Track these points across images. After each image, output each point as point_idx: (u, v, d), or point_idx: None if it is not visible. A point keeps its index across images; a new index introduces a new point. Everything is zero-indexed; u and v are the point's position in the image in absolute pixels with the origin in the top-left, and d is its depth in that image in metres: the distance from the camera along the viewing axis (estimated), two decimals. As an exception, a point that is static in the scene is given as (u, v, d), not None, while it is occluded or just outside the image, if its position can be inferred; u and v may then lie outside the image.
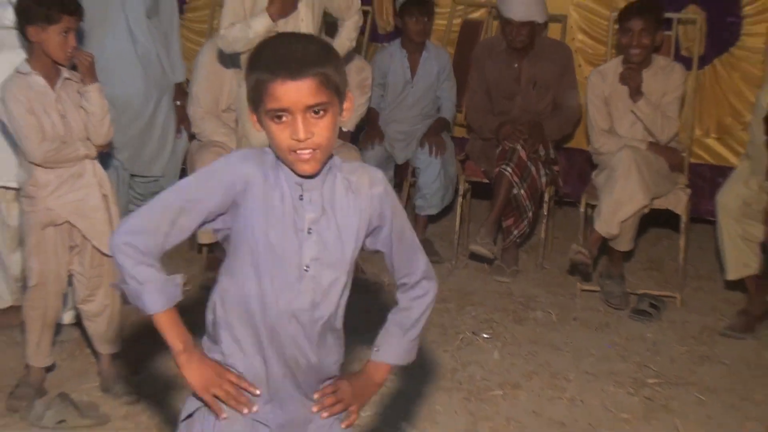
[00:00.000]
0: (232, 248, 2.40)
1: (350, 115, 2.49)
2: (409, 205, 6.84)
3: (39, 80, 4.28)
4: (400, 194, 6.93)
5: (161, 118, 5.75)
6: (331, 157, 2.38)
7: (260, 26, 5.01)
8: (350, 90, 2.36)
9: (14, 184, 4.73)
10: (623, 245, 5.89)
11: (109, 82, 4.60)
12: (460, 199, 6.70)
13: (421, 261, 2.57)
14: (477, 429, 4.42)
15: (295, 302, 2.36)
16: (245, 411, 2.37)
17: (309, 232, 2.36)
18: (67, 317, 4.92)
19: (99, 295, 4.46)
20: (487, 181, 6.46)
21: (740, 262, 5.46)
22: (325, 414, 2.49)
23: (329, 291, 2.41)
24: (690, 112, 6.36)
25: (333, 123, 2.28)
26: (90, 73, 4.31)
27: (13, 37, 4.75)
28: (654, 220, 6.26)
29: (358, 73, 6.07)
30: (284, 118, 2.22)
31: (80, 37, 4.47)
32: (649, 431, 4.47)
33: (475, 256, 6.36)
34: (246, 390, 2.39)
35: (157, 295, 2.28)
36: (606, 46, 6.77)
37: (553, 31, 7.08)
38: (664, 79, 5.92)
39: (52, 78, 4.30)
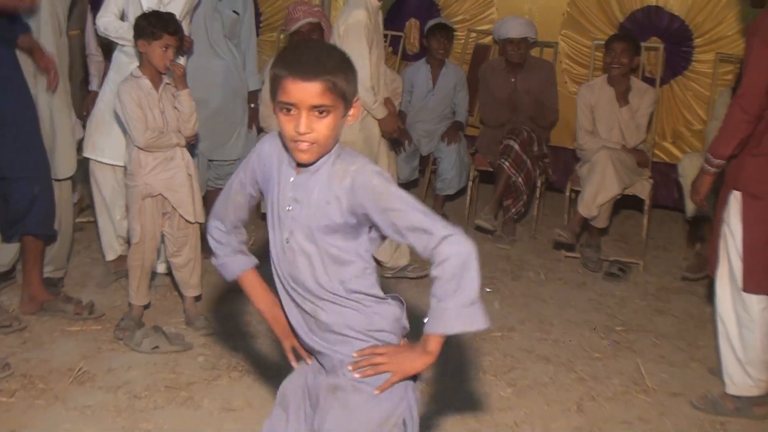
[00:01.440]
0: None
1: (355, 120, 2.24)
2: (431, 188, 6.85)
3: (146, 83, 4.35)
4: (423, 179, 6.92)
5: (236, 116, 5.73)
6: (330, 151, 2.21)
7: None
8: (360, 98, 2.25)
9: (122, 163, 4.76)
10: (600, 223, 5.93)
11: (194, 88, 4.62)
12: (470, 183, 6.70)
13: (431, 234, 2.13)
14: (480, 362, 4.43)
15: (285, 268, 2.29)
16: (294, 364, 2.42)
17: (288, 210, 2.25)
18: (161, 267, 4.95)
19: (184, 251, 4.50)
20: (492, 169, 6.44)
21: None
22: (357, 374, 2.25)
23: (309, 263, 2.24)
24: (653, 122, 6.31)
25: (334, 124, 2.15)
26: (182, 81, 4.38)
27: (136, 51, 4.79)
28: (623, 203, 6.23)
29: (391, 83, 5.99)
30: (292, 111, 2.12)
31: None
32: (616, 366, 4.46)
33: (480, 228, 6.34)
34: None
35: (232, 267, 2.43)
36: (587, 69, 6.76)
37: (547, 55, 7.05)
38: (639, 98, 5.93)
39: (156, 82, 4.37)
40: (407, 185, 6.51)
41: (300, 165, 2.24)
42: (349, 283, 2.26)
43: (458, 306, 2.16)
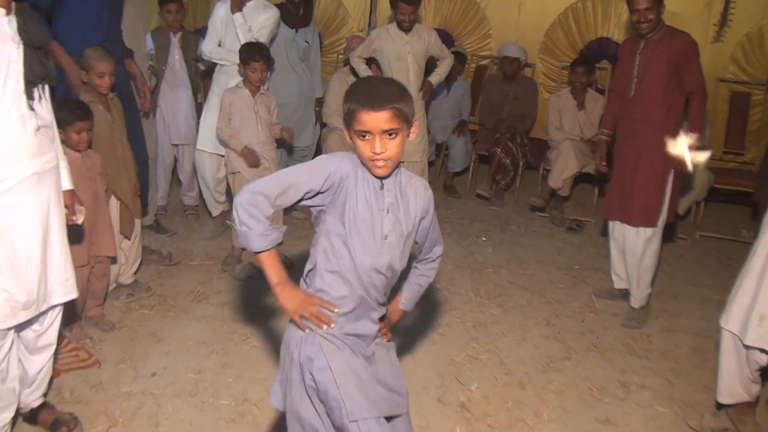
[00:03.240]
0: (332, 219, 2.06)
1: (415, 136, 2.06)
2: (444, 165, 6.81)
3: (246, 92, 4.36)
4: (438, 160, 6.89)
5: (307, 115, 5.74)
6: (398, 165, 2.09)
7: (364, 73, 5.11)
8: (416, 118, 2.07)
9: (222, 152, 4.74)
10: (564, 192, 5.88)
11: (278, 95, 4.63)
12: (472, 164, 6.66)
13: (440, 246, 2.32)
14: (478, 288, 4.44)
15: (378, 261, 2.06)
16: (324, 327, 2.05)
17: (387, 212, 2.06)
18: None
19: (271, 210, 4.52)
20: (488, 154, 6.39)
21: None
22: (386, 339, 2.24)
23: (401, 253, 2.11)
24: (602, 120, 6.23)
25: (402, 142, 1.99)
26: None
27: (229, 70, 4.80)
28: (581, 178, 6.17)
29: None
30: (367, 137, 1.95)
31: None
32: (574, 294, 4.47)
33: (479, 195, 6.32)
34: (327, 308, 2.06)
35: (261, 240, 1.97)
36: (556, 83, 6.70)
37: (528, 72, 6.97)
38: (593, 104, 5.91)
39: (253, 92, 4.36)
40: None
41: (379, 178, 2.07)
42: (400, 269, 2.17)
43: (420, 295, 2.40)
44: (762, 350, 2.88)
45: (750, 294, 2.88)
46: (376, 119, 1.93)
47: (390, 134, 1.96)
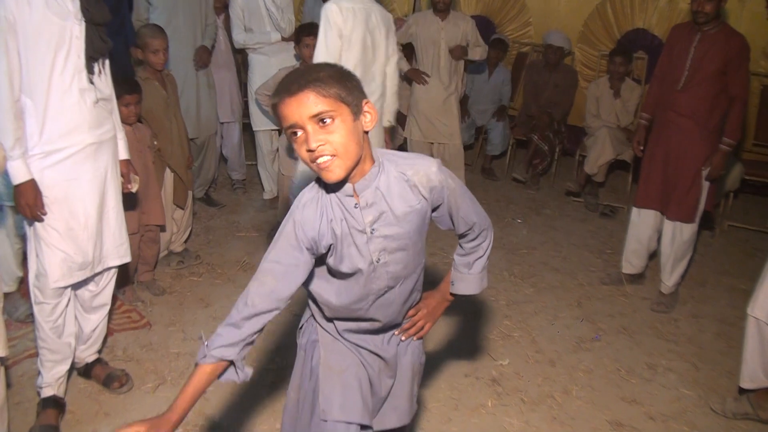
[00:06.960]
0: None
1: (374, 123, 1.52)
2: (483, 149, 6.72)
3: (302, 66, 4.30)
4: (477, 143, 6.80)
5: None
6: (379, 165, 1.60)
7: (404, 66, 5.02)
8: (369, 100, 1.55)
9: (275, 127, 4.74)
10: (599, 178, 5.75)
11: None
12: (510, 148, 6.55)
13: (479, 219, 1.79)
14: (512, 269, 4.40)
15: (375, 286, 1.67)
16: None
17: (372, 232, 1.60)
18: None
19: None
20: (525, 139, 6.29)
21: None
22: (403, 337, 1.85)
23: (401, 267, 1.68)
24: (638, 109, 6.08)
25: (346, 129, 1.47)
26: None
27: (280, 47, 4.74)
28: (616, 165, 6.04)
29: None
30: (299, 134, 1.47)
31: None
32: (605, 275, 4.37)
33: (515, 179, 6.24)
34: None
35: (227, 375, 1.68)
36: (594, 71, 6.56)
37: (567, 61, 6.84)
38: (629, 92, 5.75)
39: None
40: (466, 147, 6.41)
41: (353, 189, 1.59)
42: (419, 273, 1.80)
43: (477, 273, 1.91)
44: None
45: None
46: (296, 105, 1.45)
47: (322, 120, 1.46)
